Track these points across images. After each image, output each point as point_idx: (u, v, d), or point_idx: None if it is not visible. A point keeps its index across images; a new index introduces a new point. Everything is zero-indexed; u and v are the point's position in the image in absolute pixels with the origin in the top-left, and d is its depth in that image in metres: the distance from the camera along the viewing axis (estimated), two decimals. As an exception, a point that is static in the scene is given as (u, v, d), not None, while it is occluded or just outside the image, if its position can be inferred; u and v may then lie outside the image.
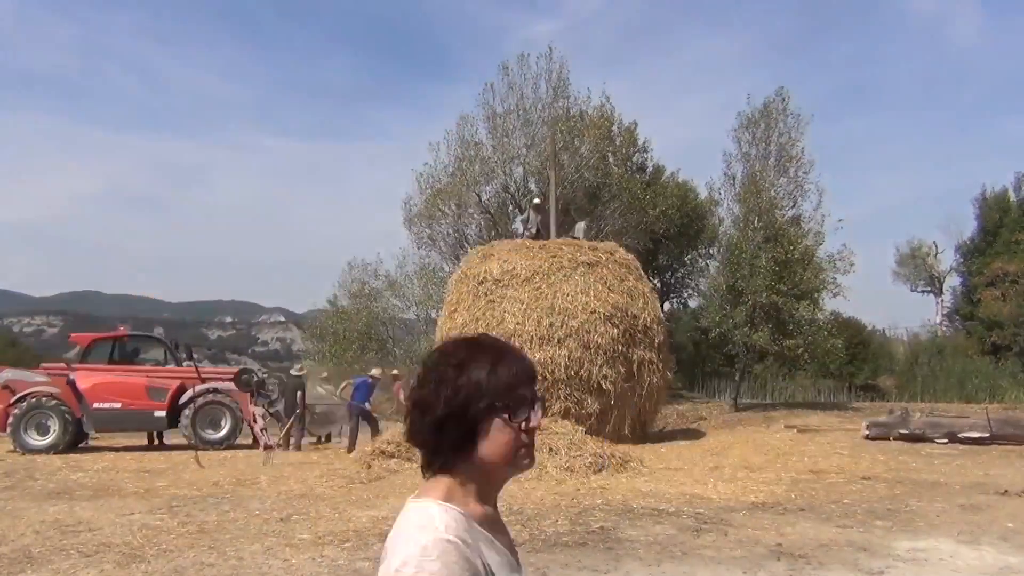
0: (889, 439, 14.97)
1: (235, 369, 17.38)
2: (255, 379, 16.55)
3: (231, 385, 16.03)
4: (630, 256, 17.86)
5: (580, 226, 19.47)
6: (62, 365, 15.94)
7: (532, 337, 15.50)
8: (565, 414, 15.09)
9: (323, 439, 17.39)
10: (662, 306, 24.76)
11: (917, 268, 41.83)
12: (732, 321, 22.65)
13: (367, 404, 15.80)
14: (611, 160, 26.03)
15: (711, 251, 28.16)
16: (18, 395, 14.85)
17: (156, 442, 16.86)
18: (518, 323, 15.68)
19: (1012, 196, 35.77)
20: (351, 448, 14.52)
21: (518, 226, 19.72)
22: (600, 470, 11.19)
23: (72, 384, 15.10)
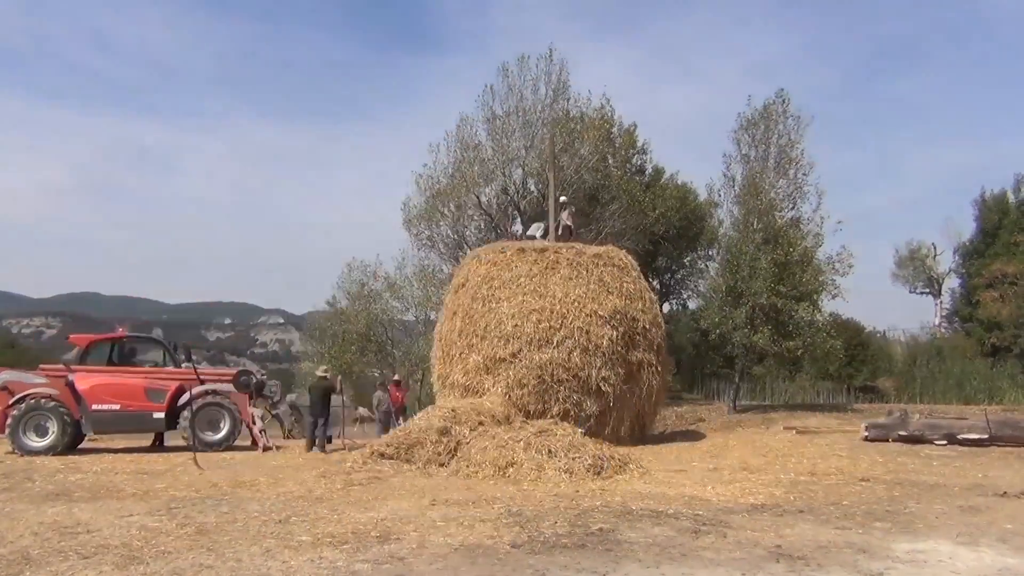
0: (888, 440, 14.98)
1: (234, 370, 17.36)
2: (255, 381, 16.57)
3: (230, 387, 16.07)
4: (630, 258, 17.86)
5: (536, 225, 19.64)
6: (60, 367, 15.91)
7: (531, 339, 15.51)
8: (564, 416, 15.09)
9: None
10: (661, 307, 24.76)
11: (916, 270, 41.89)
12: (732, 322, 22.66)
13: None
14: (611, 162, 26.07)
15: (710, 253, 28.18)
16: (16, 396, 14.83)
17: (159, 442, 16.86)
18: (516, 325, 15.68)
19: (1011, 198, 35.82)
20: (309, 446, 15.57)
21: (534, 232, 19.59)
22: (599, 472, 11.19)
23: (71, 385, 15.09)
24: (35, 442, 14.57)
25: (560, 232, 19.21)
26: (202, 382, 15.82)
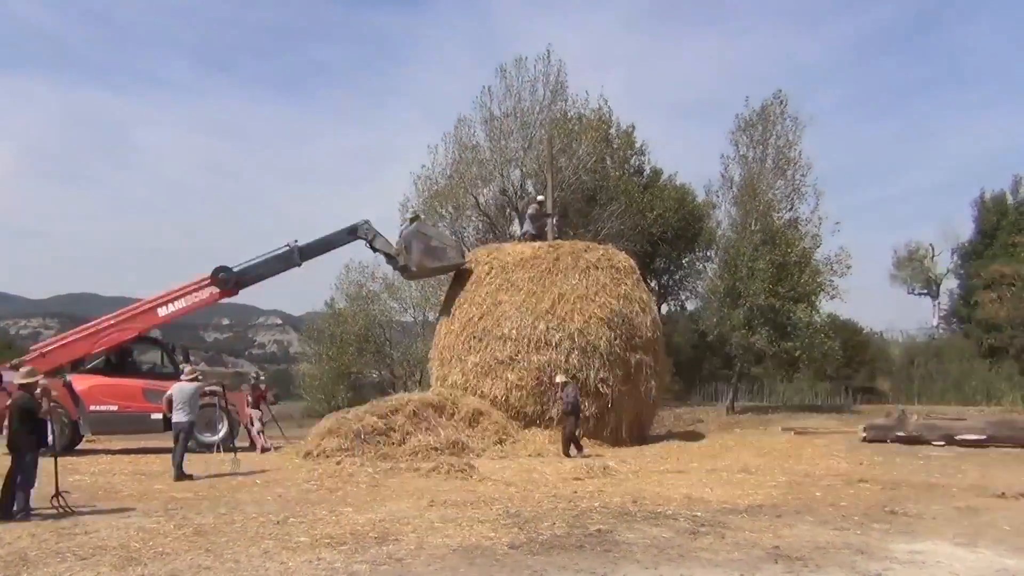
0: (886, 441, 15.00)
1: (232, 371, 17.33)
2: (252, 381, 16.57)
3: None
4: (628, 259, 17.87)
5: (540, 199, 19.66)
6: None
7: (530, 341, 15.50)
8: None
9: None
10: (660, 309, 24.78)
11: (915, 271, 41.86)
12: (730, 323, 22.69)
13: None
14: (609, 163, 26.08)
15: (708, 254, 28.22)
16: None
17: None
18: (515, 327, 15.67)
19: (1009, 199, 35.84)
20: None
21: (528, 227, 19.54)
22: (597, 473, 11.21)
23: (69, 386, 15.06)
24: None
25: (535, 235, 19.17)
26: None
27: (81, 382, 15.20)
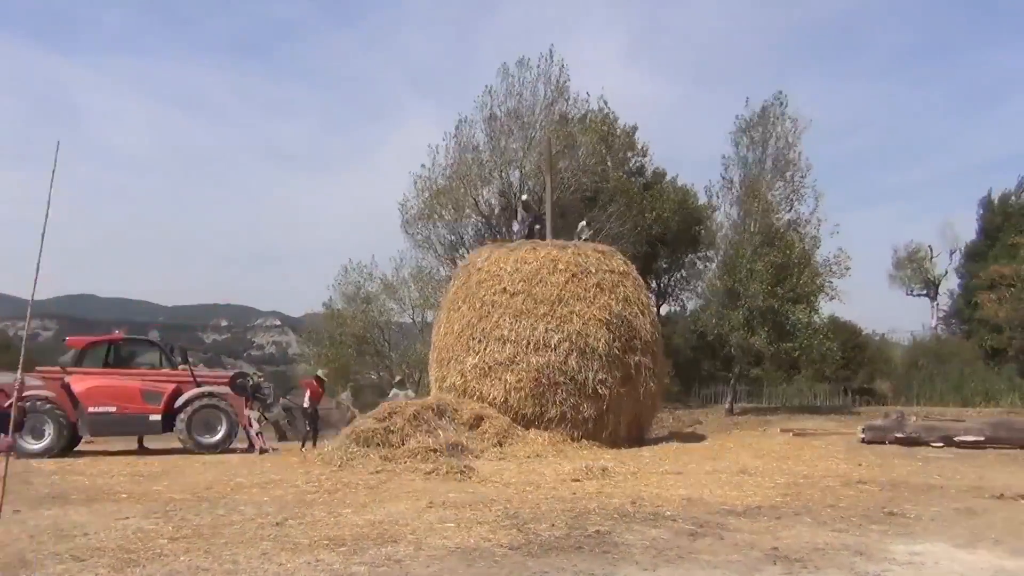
0: (885, 443, 15.02)
1: (230, 373, 17.39)
2: (250, 383, 16.57)
3: (226, 389, 16.08)
4: (628, 261, 17.86)
5: (583, 225, 19.57)
6: (57, 369, 15.89)
7: (528, 342, 15.49)
8: (561, 419, 15.10)
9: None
10: (659, 310, 24.79)
11: (915, 271, 41.87)
12: (729, 324, 22.71)
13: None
14: (609, 164, 26.10)
15: (708, 255, 28.25)
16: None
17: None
18: (513, 328, 15.66)
19: (1014, 199, 35.81)
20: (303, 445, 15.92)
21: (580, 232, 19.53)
22: (596, 475, 11.20)
23: (67, 388, 15.06)
24: (31, 445, 14.54)
25: (528, 233, 19.14)
26: (199, 384, 15.85)
27: (79, 383, 15.19)
